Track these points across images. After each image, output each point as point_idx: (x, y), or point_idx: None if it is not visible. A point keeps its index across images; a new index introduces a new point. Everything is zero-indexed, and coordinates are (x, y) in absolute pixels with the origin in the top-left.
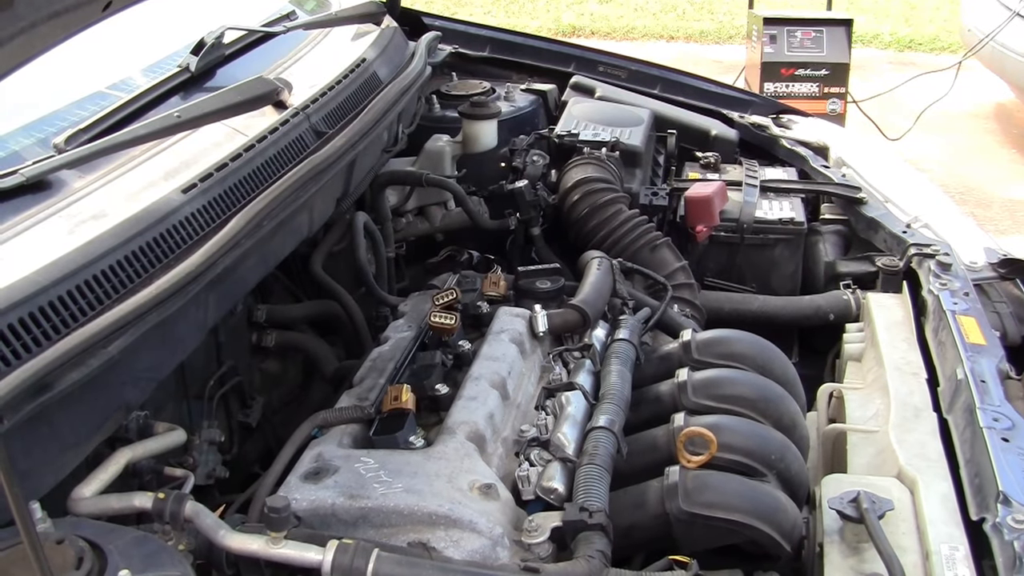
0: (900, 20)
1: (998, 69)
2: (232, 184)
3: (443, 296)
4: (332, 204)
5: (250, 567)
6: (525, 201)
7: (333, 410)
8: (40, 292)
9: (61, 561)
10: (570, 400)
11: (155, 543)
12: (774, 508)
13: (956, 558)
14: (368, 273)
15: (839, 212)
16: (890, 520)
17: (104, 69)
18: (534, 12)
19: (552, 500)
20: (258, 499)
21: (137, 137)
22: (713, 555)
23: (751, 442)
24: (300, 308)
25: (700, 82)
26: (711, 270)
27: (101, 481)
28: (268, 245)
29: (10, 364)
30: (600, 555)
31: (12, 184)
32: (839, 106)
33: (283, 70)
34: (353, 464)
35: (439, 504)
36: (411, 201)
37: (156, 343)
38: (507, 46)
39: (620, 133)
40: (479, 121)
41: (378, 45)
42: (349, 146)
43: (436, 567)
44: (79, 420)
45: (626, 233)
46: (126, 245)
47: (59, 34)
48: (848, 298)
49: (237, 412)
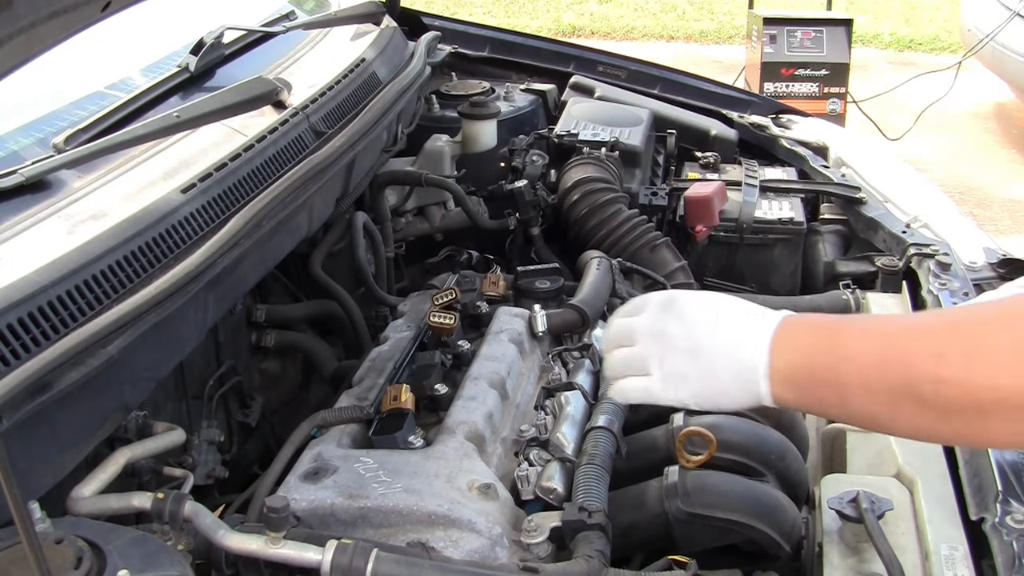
0: (900, 20)
1: (998, 69)
2: (231, 184)
3: (442, 296)
4: (331, 204)
5: (249, 567)
6: (524, 201)
7: (332, 410)
8: (39, 292)
9: (60, 561)
10: (569, 400)
11: (154, 543)
12: (773, 508)
13: (955, 558)
14: (367, 273)
15: (839, 212)
16: (889, 520)
17: (103, 69)
18: (534, 12)
19: (551, 500)
20: (257, 499)
21: (136, 137)
22: (712, 555)
23: (750, 442)
24: (299, 308)
25: (700, 82)
26: (710, 270)
27: (100, 481)
28: (267, 245)
29: (9, 364)
30: (599, 555)
31: (11, 184)
32: (839, 106)
33: (282, 70)
34: (352, 464)
35: (438, 504)
36: (410, 201)
37: (155, 343)
38: (507, 46)
39: (620, 133)
40: (478, 121)
41: (377, 45)
42: (348, 146)
43: (435, 567)
44: (78, 420)
45: (625, 233)
46: (125, 245)
47: (58, 34)
48: (847, 298)
49: (236, 412)
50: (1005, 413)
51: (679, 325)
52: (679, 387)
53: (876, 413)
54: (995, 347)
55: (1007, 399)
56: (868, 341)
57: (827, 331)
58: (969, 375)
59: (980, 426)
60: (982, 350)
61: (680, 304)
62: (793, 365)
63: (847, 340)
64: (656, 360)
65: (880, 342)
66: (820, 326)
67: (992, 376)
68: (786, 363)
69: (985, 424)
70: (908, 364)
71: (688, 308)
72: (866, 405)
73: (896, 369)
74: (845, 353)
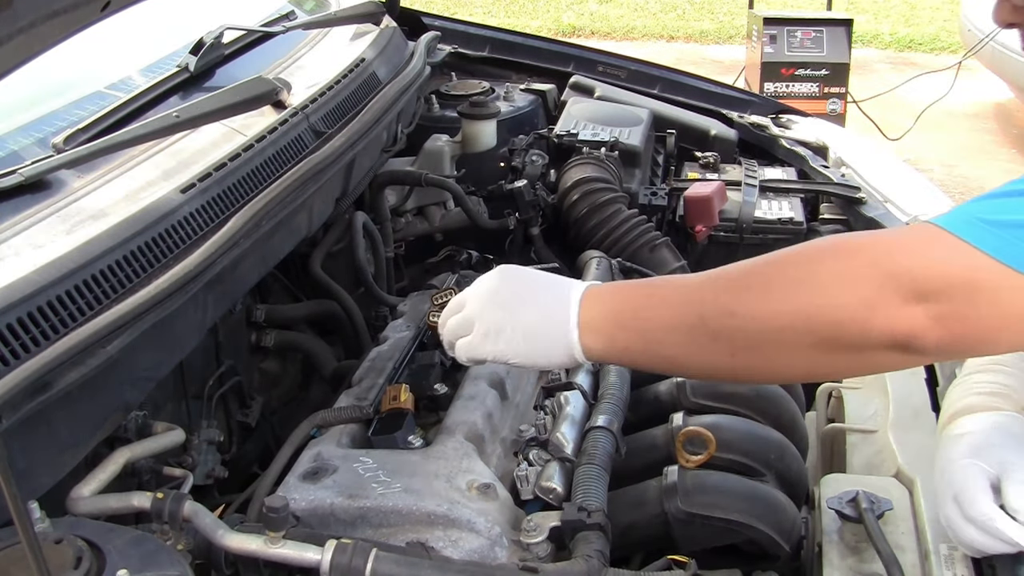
0: (900, 20)
1: (998, 69)
2: (231, 184)
3: (442, 296)
4: (331, 204)
5: (249, 567)
6: (524, 201)
7: (332, 410)
8: (39, 292)
9: (59, 561)
10: (569, 400)
11: (154, 543)
12: (773, 508)
13: (955, 558)
14: (367, 273)
15: (838, 212)
16: (889, 520)
17: (103, 69)
18: (534, 12)
19: (551, 500)
20: (257, 499)
21: (136, 137)
22: (712, 555)
23: (750, 442)
24: (299, 308)
25: (699, 82)
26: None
27: (100, 481)
28: (267, 245)
29: (9, 364)
30: (598, 555)
31: (11, 184)
32: (839, 106)
33: (282, 70)
34: (352, 464)
35: (437, 504)
36: (410, 201)
37: (155, 343)
38: (506, 46)
39: (619, 133)
40: (478, 121)
41: (377, 45)
42: (348, 146)
43: (434, 567)
44: (78, 420)
45: (625, 233)
46: (125, 245)
47: (58, 34)
48: None
49: (236, 412)
50: (787, 339)
51: (501, 285)
52: (497, 340)
53: (675, 354)
54: (778, 282)
55: (788, 326)
56: (668, 289)
57: (633, 285)
58: (754, 307)
59: (766, 356)
60: (766, 284)
61: (503, 271)
62: (600, 316)
63: (650, 290)
64: (478, 318)
65: (679, 288)
66: (627, 284)
67: (773, 305)
68: (594, 315)
69: (770, 355)
70: (703, 302)
71: (510, 273)
72: (665, 347)
73: (692, 308)
74: (647, 302)
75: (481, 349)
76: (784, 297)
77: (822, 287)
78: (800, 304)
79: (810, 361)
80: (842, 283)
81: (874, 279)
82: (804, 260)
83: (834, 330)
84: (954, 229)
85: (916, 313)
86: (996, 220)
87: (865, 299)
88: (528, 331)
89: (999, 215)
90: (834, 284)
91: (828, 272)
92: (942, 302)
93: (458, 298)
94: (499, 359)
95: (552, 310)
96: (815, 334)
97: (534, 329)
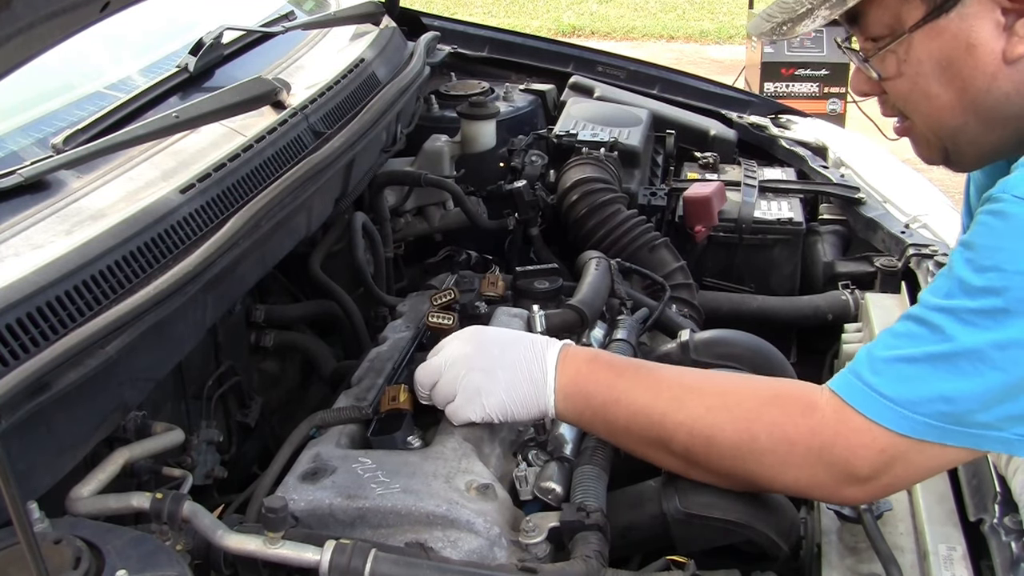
0: None
1: None
2: (230, 184)
3: (441, 296)
4: (331, 204)
5: (248, 567)
6: (524, 201)
7: (331, 410)
8: (38, 292)
9: (59, 561)
10: None
11: (153, 543)
12: (772, 508)
13: (954, 558)
14: (366, 273)
15: (838, 212)
16: (888, 520)
17: (102, 69)
18: (534, 12)
19: (550, 500)
20: (256, 499)
21: (135, 137)
22: (710, 555)
23: None
24: (299, 308)
25: (699, 82)
26: (709, 270)
27: (99, 481)
28: (266, 245)
29: (8, 364)
30: (597, 555)
31: (10, 184)
32: (839, 106)
33: (282, 70)
34: (351, 464)
35: (436, 504)
36: (410, 201)
37: (154, 343)
38: (506, 46)
39: (619, 133)
40: (478, 121)
41: (377, 45)
42: (348, 146)
43: (433, 567)
44: (77, 420)
45: (624, 233)
46: (124, 245)
47: (57, 34)
48: (847, 298)
49: (235, 412)
50: (737, 486)
51: (475, 350)
52: (482, 403)
53: (644, 453)
54: (727, 445)
55: (738, 483)
56: (635, 394)
57: (605, 369)
58: (705, 463)
59: (711, 469)
60: (716, 443)
61: (473, 335)
62: (573, 386)
63: (616, 393)
64: (459, 385)
65: (644, 397)
66: (597, 364)
67: (725, 464)
68: (567, 382)
69: (714, 467)
70: (663, 427)
71: (481, 337)
72: (630, 446)
73: (653, 430)
74: (615, 406)
75: (466, 413)
76: (733, 465)
77: (769, 468)
78: (747, 472)
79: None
80: (785, 468)
81: (812, 468)
82: (748, 437)
83: (779, 489)
84: (860, 407)
85: (852, 491)
86: (886, 357)
87: (804, 482)
88: (508, 392)
89: (888, 351)
90: (777, 467)
91: (772, 457)
92: (870, 482)
93: (428, 367)
94: (484, 420)
95: (531, 373)
96: (764, 489)
97: (513, 391)
